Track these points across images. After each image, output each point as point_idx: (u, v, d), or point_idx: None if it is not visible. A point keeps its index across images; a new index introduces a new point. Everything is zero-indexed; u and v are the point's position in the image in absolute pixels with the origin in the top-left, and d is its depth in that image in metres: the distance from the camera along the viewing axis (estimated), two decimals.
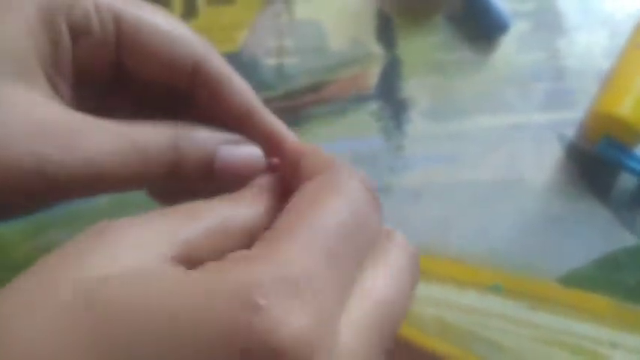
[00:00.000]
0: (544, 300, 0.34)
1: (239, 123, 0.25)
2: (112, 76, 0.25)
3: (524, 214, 0.36)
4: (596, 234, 0.36)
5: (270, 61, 0.42)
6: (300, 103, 0.40)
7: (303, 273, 0.15)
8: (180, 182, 0.23)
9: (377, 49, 0.43)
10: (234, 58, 0.42)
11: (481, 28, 0.43)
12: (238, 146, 0.24)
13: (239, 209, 0.20)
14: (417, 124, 0.40)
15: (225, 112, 0.25)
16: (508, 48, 0.43)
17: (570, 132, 0.39)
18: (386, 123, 0.39)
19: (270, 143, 0.25)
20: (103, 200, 0.36)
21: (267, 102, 0.40)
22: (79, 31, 0.22)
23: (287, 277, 0.15)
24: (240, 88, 0.25)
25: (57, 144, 0.20)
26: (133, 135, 0.22)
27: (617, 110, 0.36)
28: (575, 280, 0.34)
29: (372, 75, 0.41)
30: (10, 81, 0.20)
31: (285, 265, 0.15)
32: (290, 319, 0.14)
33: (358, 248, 0.18)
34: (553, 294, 0.34)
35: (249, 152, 0.24)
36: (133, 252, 0.16)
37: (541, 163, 0.38)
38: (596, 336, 0.33)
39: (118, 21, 0.23)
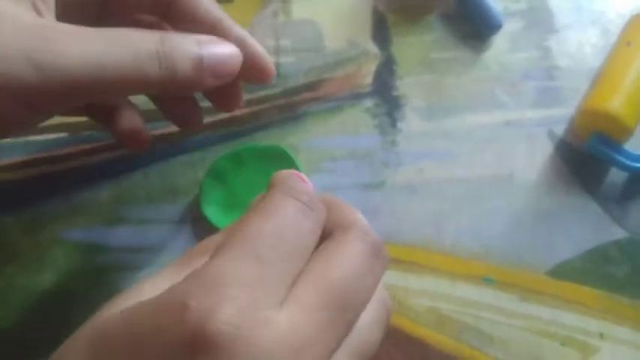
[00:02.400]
0: (534, 292, 0.34)
1: (210, 32, 0.27)
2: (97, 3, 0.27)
3: (515, 209, 0.37)
4: (586, 228, 0.37)
5: None
6: (297, 100, 0.41)
7: (229, 276, 0.18)
8: (175, 88, 0.25)
9: (372, 48, 0.43)
10: None
11: (474, 27, 0.44)
12: (220, 44, 0.26)
13: None
14: (411, 121, 0.40)
15: (199, 24, 0.26)
16: (500, 47, 0.44)
17: (561, 129, 0.40)
18: (381, 120, 0.40)
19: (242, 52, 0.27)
20: (104, 194, 0.36)
21: (265, 100, 0.41)
22: None
23: (213, 281, 0.18)
24: (208, 3, 0.27)
25: (52, 47, 0.21)
26: (124, 37, 0.23)
27: (606, 107, 0.37)
28: (565, 272, 0.35)
29: (368, 73, 0.42)
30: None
31: (212, 271, 0.18)
32: (215, 311, 0.17)
33: (288, 250, 0.20)
34: (543, 286, 0.35)
35: (229, 48, 0.27)
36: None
37: (532, 159, 0.39)
38: (586, 327, 0.34)
39: None
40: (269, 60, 0.29)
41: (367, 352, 0.21)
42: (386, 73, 0.42)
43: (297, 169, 0.36)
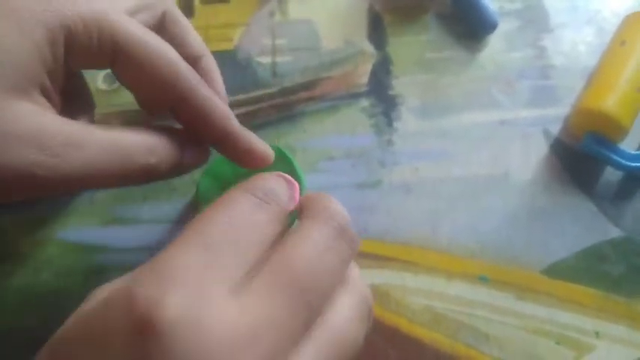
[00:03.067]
0: (529, 290, 0.35)
1: (218, 140, 0.28)
2: None
3: (510, 208, 0.37)
4: (581, 227, 0.37)
5: (265, 60, 0.43)
6: (294, 100, 0.41)
7: (176, 267, 0.18)
8: (156, 179, 0.26)
9: (368, 47, 0.43)
10: (229, 57, 0.43)
11: (469, 27, 0.44)
12: (197, 149, 0.28)
13: None
14: (407, 120, 0.40)
15: (207, 131, 0.27)
16: (496, 46, 0.44)
17: (556, 128, 0.40)
18: (377, 119, 0.40)
19: (246, 159, 0.29)
20: (101, 194, 0.36)
21: (261, 99, 0.41)
22: (78, 50, 0.24)
23: (161, 272, 0.18)
24: (221, 115, 0.27)
25: (48, 152, 0.22)
26: (115, 143, 0.24)
27: (601, 106, 0.37)
28: (560, 271, 0.35)
29: (364, 73, 0.42)
30: (14, 93, 0.22)
31: (161, 263, 0.19)
32: (162, 298, 0.17)
33: (239, 239, 0.20)
34: (538, 285, 0.35)
35: (200, 155, 0.29)
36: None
37: (527, 158, 0.39)
38: (581, 326, 0.34)
39: (115, 44, 0.24)
40: (269, 152, 0.30)
41: (346, 348, 0.21)
42: (382, 72, 0.42)
43: (293, 168, 0.36)
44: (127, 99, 0.39)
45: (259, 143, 0.30)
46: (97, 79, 0.41)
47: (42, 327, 0.33)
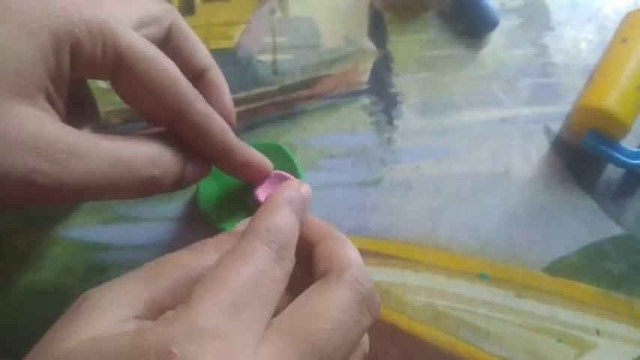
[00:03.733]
0: (530, 288, 0.35)
1: (217, 155, 0.28)
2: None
3: (511, 206, 0.37)
4: (582, 224, 0.37)
5: (265, 58, 0.43)
6: (294, 98, 0.41)
7: (209, 324, 0.19)
8: (158, 192, 0.26)
9: (369, 45, 0.43)
10: (230, 55, 0.43)
11: (470, 25, 0.44)
12: (199, 163, 0.28)
13: (203, 257, 0.23)
14: (407, 118, 0.40)
15: (206, 146, 0.28)
16: (497, 44, 0.44)
17: (557, 125, 0.40)
18: (377, 117, 0.40)
19: (244, 172, 0.30)
20: None
21: (262, 97, 0.41)
22: (82, 59, 0.24)
23: (195, 328, 0.18)
24: (220, 130, 0.28)
25: (50, 160, 0.22)
26: (118, 153, 0.24)
27: (602, 104, 0.37)
28: (561, 269, 0.35)
29: (364, 71, 0.42)
30: (16, 97, 0.22)
31: (194, 319, 0.19)
32: (197, 357, 0.17)
33: (262, 298, 0.21)
34: (539, 282, 0.35)
35: (201, 169, 0.29)
36: (100, 319, 0.19)
37: (528, 156, 0.39)
38: (582, 323, 0.34)
39: (119, 55, 0.24)
40: (267, 165, 0.31)
41: None
42: (382, 70, 0.42)
43: (294, 166, 0.36)
44: None
45: (257, 156, 0.30)
46: None
47: (43, 325, 0.33)
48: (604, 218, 0.37)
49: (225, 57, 0.42)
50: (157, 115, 0.26)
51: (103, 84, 0.40)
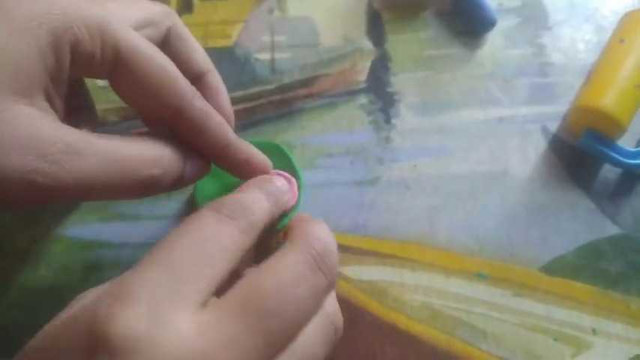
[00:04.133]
0: (528, 287, 0.35)
1: (217, 153, 0.28)
2: None
3: (509, 205, 0.37)
4: (579, 224, 0.37)
5: (263, 56, 0.43)
6: (292, 97, 0.41)
7: (139, 285, 0.19)
8: (156, 192, 0.26)
9: (367, 44, 0.43)
10: (228, 53, 0.43)
11: (468, 24, 0.44)
12: (199, 161, 0.28)
13: None
14: (405, 117, 0.40)
15: (205, 143, 0.28)
16: (495, 43, 0.44)
17: (554, 125, 0.40)
18: (375, 116, 0.40)
19: (245, 170, 0.29)
20: None
21: (260, 96, 0.41)
22: (82, 57, 0.24)
23: (118, 289, 0.19)
24: (219, 127, 0.28)
25: (49, 159, 0.21)
26: (117, 153, 0.24)
27: (599, 104, 0.37)
28: (558, 268, 0.35)
29: (362, 70, 0.42)
30: (14, 97, 0.21)
31: (122, 281, 0.19)
32: (119, 315, 0.17)
33: (200, 255, 0.20)
34: (536, 282, 0.35)
35: (201, 167, 0.29)
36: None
37: (526, 155, 0.39)
38: (578, 323, 0.34)
39: (117, 53, 0.24)
40: (267, 163, 0.31)
41: None
42: (381, 69, 0.42)
43: (292, 165, 0.36)
44: None
45: (257, 154, 0.30)
46: None
47: (41, 323, 0.33)
48: (601, 218, 0.37)
49: (224, 55, 0.42)
50: (155, 113, 0.26)
51: (100, 82, 0.40)
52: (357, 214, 0.37)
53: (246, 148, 0.29)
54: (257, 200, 0.25)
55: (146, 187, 0.25)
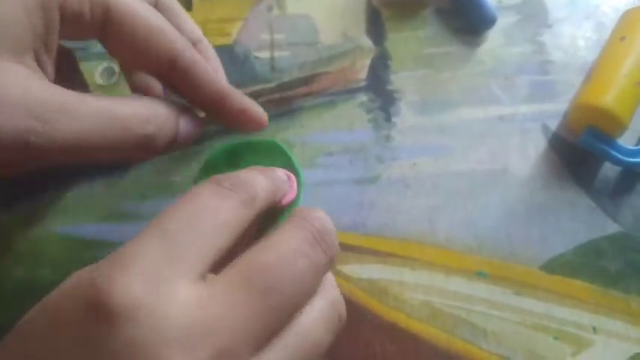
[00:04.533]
0: (528, 286, 0.35)
1: (213, 104, 0.28)
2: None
3: (509, 204, 0.37)
4: (579, 222, 0.37)
5: (263, 55, 0.43)
6: (292, 95, 0.41)
7: (135, 253, 0.18)
8: (151, 153, 0.26)
9: (366, 42, 0.43)
10: (228, 51, 0.43)
11: (468, 22, 0.44)
12: (192, 119, 0.28)
13: None
14: (405, 115, 0.40)
15: (201, 95, 0.28)
16: (494, 41, 0.44)
17: (554, 123, 0.40)
18: (375, 115, 0.40)
19: (241, 119, 0.30)
20: (99, 190, 0.36)
21: (260, 94, 0.41)
22: (70, 17, 0.24)
23: (118, 258, 0.18)
24: (212, 77, 0.28)
25: (41, 119, 0.21)
26: (111, 112, 0.24)
27: (600, 101, 0.37)
28: (558, 266, 0.35)
29: (362, 68, 0.42)
30: (3, 58, 0.21)
31: (120, 251, 0.19)
32: (118, 283, 0.17)
33: (199, 226, 0.20)
34: (536, 280, 0.35)
35: (194, 125, 0.28)
36: None
37: (526, 153, 0.39)
38: (579, 321, 0.34)
39: (107, 11, 0.24)
40: (260, 111, 0.31)
41: (311, 351, 0.21)
42: (380, 67, 0.42)
43: (292, 163, 0.36)
44: (124, 94, 0.39)
45: (252, 104, 0.30)
46: (95, 75, 0.40)
47: None
48: (601, 216, 0.37)
49: (223, 54, 0.42)
50: (149, 68, 0.26)
51: (100, 80, 0.40)
52: (356, 212, 0.37)
53: (242, 98, 0.29)
54: (259, 179, 0.24)
55: (141, 147, 0.25)
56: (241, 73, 0.42)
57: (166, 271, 0.18)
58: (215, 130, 0.39)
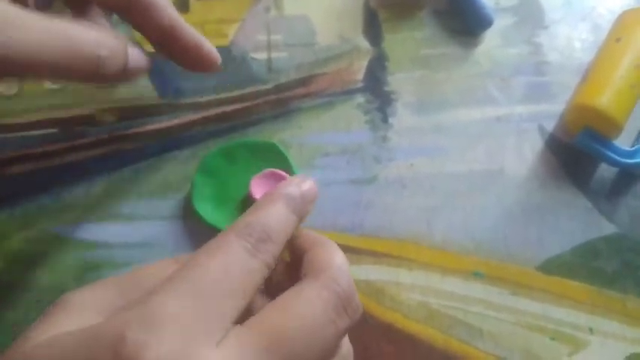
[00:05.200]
0: (524, 286, 0.35)
1: (166, 34, 0.29)
2: None
3: (505, 204, 0.37)
4: (576, 223, 0.37)
5: (260, 56, 0.43)
6: (289, 96, 0.41)
7: (166, 311, 0.18)
8: (102, 79, 0.26)
9: (363, 43, 0.43)
10: (225, 52, 0.43)
11: (465, 24, 0.44)
12: (139, 50, 0.28)
13: None
14: (402, 116, 0.40)
15: (153, 25, 0.28)
16: (491, 42, 0.44)
17: (551, 124, 0.40)
18: (372, 116, 0.40)
19: (195, 56, 0.30)
20: (95, 190, 0.36)
21: (257, 95, 0.41)
22: None
23: (150, 315, 0.18)
24: (166, 9, 0.28)
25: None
26: (63, 29, 0.24)
27: (596, 103, 0.37)
28: (554, 267, 0.35)
29: (359, 69, 0.42)
30: None
31: (150, 305, 0.18)
32: (148, 346, 0.17)
33: (228, 288, 0.20)
34: (533, 281, 0.35)
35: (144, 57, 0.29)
36: (67, 321, 0.20)
37: (522, 154, 0.39)
38: (575, 321, 0.34)
39: None
40: (214, 51, 0.31)
41: None
42: (377, 68, 0.42)
43: (289, 164, 0.36)
44: (122, 94, 0.39)
45: (206, 42, 0.30)
46: None
47: None
48: (597, 217, 0.37)
49: (220, 55, 0.42)
50: (108, 2, 0.27)
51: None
52: (353, 213, 0.37)
53: (196, 34, 0.30)
54: (283, 224, 0.24)
55: (92, 70, 0.25)
56: (238, 74, 0.42)
57: (196, 333, 0.18)
58: (210, 131, 0.39)
